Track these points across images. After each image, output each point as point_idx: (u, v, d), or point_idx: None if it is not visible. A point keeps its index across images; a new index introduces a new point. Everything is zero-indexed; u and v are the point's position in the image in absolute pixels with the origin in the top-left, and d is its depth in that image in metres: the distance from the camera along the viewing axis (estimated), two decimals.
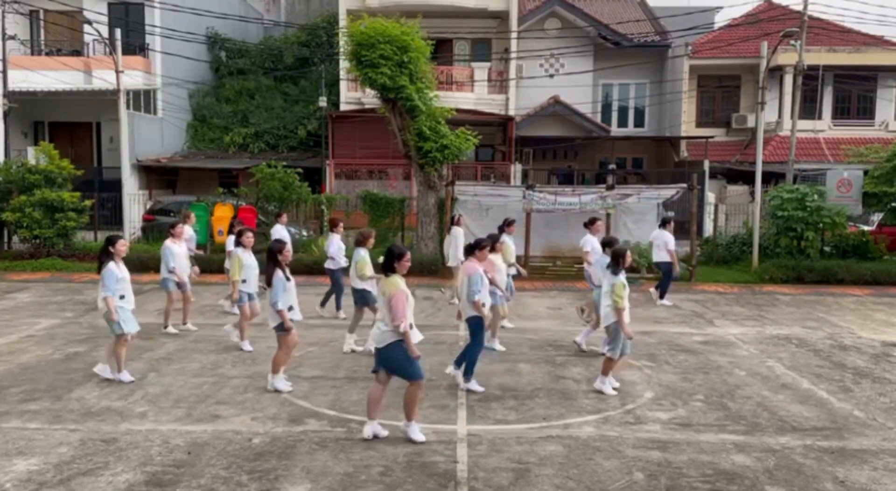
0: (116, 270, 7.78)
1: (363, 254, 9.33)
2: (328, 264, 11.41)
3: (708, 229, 21.26)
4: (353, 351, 9.37)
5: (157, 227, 18.82)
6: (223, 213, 17.58)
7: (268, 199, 18.01)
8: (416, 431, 6.28)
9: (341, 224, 11.70)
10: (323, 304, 11.77)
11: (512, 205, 16.22)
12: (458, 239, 12.52)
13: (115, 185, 20.51)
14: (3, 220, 17.81)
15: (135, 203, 20.61)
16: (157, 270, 13.65)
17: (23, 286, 14.86)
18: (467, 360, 7.83)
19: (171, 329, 10.45)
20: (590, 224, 11.15)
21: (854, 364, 9.28)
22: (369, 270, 9.23)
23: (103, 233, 19.72)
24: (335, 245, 11.26)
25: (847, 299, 14.49)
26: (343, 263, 11.20)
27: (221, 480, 5.43)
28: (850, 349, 10.15)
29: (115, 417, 6.81)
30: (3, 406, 7.10)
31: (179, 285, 10.61)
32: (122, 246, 7.96)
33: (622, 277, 7.68)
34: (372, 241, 9.59)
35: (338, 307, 11.61)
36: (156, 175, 24.33)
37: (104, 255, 7.86)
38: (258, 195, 18.19)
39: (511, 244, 10.92)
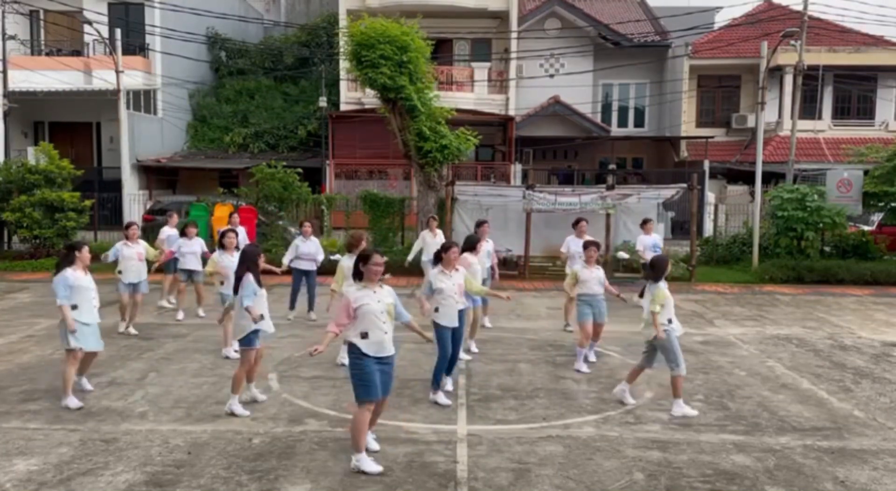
0: (71, 276, 7.08)
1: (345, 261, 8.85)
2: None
3: (708, 229, 21.26)
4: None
5: (158, 228, 18.81)
6: (223, 213, 17.57)
7: (268, 199, 18.01)
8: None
9: (307, 226, 11.67)
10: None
11: (512, 205, 16.22)
12: (425, 240, 12.39)
13: (115, 185, 20.53)
14: (3, 220, 17.81)
15: (135, 203, 20.62)
16: (158, 271, 13.70)
17: (23, 286, 14.86)
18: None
19: (128, 329, 10.39)
20: (575, 224, 11.29)
21: (854, 364, 9.28)
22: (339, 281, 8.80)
23: (103, 233, 19.77)
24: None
25: (847, 299, 14.49)
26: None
27: (221, 480, 5.43)
28: (850, 349, 10.15)
29: (115, 417, 6.81)
30: (3, 406, 7.10)
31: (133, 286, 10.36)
32: (87, 253, 7.29)
33: (663, 284, 7.16)
34: (362, 245, 8.65)
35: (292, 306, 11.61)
36: (156, 175, 24.34)
37: (63, 260, 7.21)
38: (258, 195, 18.18)
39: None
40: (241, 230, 12.36)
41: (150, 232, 19.33)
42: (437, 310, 7.23)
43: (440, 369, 7.35)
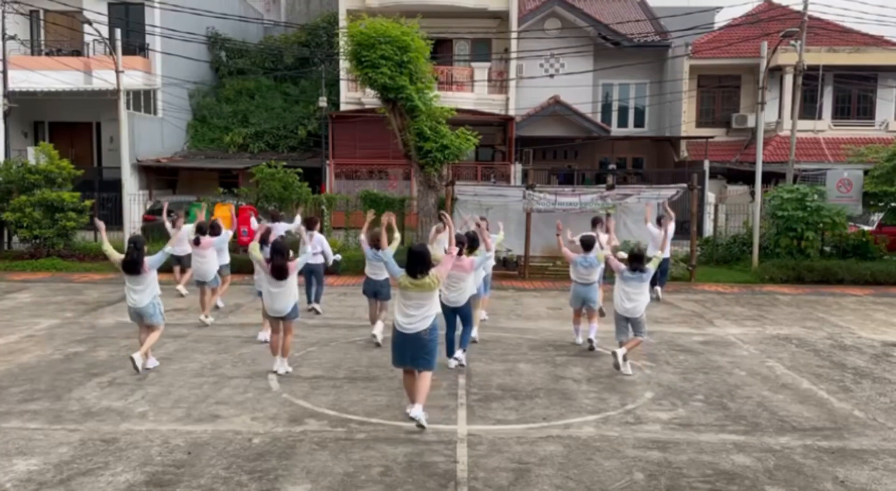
0: None
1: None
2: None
3: (708, 229, 21.24)
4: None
5: (157, 228, 18.81)
6: (223, 213, 17.57)
7: (268, 199, 18.01)
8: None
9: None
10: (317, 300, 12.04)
11: (512, 205, 16.21)
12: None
13: (115, 185, 20.50)
14: (3, 220, 17.79)
15: (135, 203, 20.59)
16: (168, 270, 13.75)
17: (23, 286, 14.86)
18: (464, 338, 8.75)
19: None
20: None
21: (854, 364, 9.28)
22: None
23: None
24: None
25: (847, 299, 14.49)
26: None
27: (221, 480, 5.43)
28: (850, 349, 10.15)
29: (115, 417, 6.81)
30: (3, 406, 7.10)
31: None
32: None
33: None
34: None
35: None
36: (156, 175, 24.33)
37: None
38: (258, 195, 18.18)
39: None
40: (282, 225, 12.89)
41: (150, 232, 19.41)
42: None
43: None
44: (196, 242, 11.14)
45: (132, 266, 8.18)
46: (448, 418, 6.86)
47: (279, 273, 8.01)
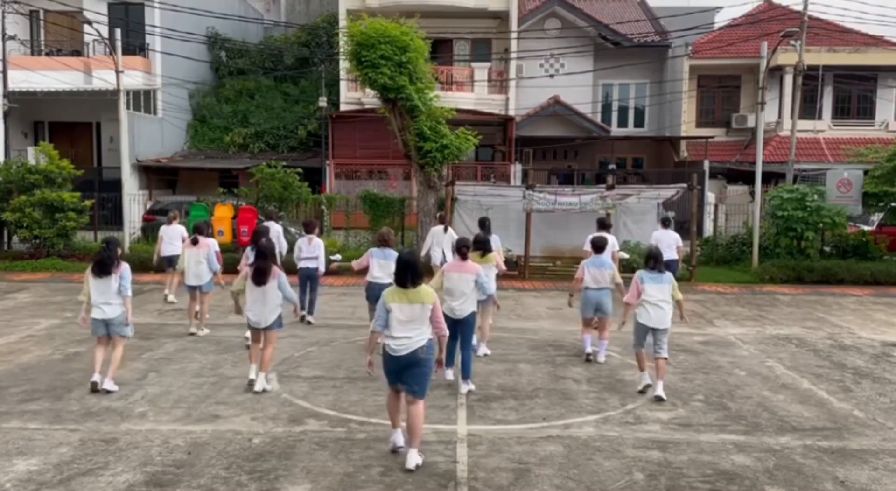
0: None
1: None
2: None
3: (708, 229, 21.25)
4: None
5: (157, 228, 18.82)
6: (223, 213, 17.58)
7: (268, 200, 18.01)
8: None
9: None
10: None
11: (512, 205, 16.21)
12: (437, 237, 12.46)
13: (115, 185, 20.49)
14: (3, 220, 17.81)
15: (135, 203, 20.60)
16: (158, 270, 13.75)
17: (23, 286, 14.86)
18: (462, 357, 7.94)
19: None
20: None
21: (854, 364, 9.29)
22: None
23: (103, 233, 19.73)
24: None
25: (847, 299, 14.49)
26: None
27: (221, 480, 5.43)
28: (850, 349, 10.15)
29: (115, 417, 6.81)
30: (3, 406, 7.10)
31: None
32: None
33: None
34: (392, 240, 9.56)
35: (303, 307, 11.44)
36: (156, 175, 24.32)
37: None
38: (258, 195, 18.19)
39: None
40: (277, 228, 12.50)
41: (150, 232, 19.42)
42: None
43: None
44: (194, 242, 10.53)
45: (103, 266, 7.47)
46: (448, 418, 6.86)
47: (259, 276, 7.45)
